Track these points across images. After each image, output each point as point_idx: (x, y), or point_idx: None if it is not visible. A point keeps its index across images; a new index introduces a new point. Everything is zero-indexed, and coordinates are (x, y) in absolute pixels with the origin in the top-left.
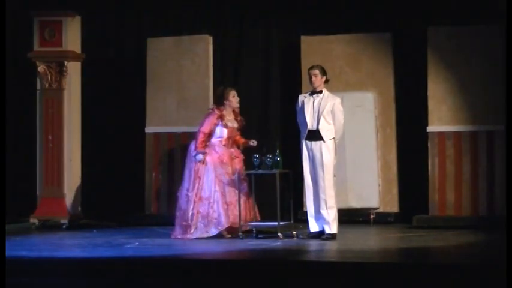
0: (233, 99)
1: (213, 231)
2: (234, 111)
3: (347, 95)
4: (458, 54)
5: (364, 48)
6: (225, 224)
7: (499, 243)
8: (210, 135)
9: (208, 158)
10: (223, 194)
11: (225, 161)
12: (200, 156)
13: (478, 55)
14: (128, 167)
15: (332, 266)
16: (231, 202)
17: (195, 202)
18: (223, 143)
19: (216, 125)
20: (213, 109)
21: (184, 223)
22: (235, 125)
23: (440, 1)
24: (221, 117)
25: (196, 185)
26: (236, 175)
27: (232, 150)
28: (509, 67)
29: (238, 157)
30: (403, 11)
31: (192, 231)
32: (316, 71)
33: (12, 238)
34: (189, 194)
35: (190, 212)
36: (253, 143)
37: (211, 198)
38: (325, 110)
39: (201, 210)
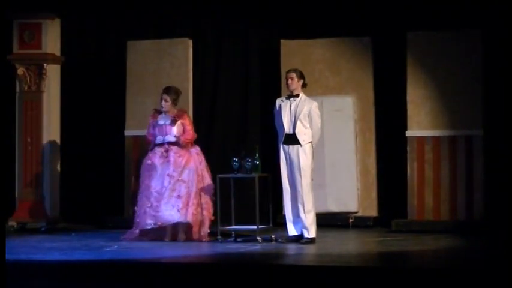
0: (161, 102)
1: (136, 231)
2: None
3: (326, 99)
4: (438, 58)
5: (344, 53)
6: (140, 226)
7: (478, 247)
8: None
9: (143, 161)
10: (147, 196)
11: (151, 163)
12: (159, 139)
13: (458, 60)
14: (107, 170)
15: (310, 270)
16: (151, 204)
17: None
18: (158, 142)
19: (153, 125)
20: None
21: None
22: (168, 121)
23: (420, 6)
24: (153, 117)
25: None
26: (164, 173)
27: (165, 148)
28: (487, 72)
29: (171, 154)
30: (382, 15)
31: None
32: (293, 74)
33: None
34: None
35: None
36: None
37: (139, 201)
38: (301, 114)
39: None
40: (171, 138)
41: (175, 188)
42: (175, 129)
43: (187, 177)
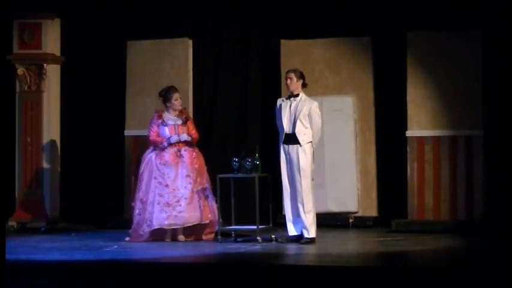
0: (176, 102)
1: (146, 230)
2: (181, 111)
3: (326, 99)
4: (438, 58)
5: (344, 53)
6: (155, 224)
7: (478, 247)
8: (159, 136)
9: (147, 158)
10: (161, 195)
11: (164, 162)
12: (174, 138)
13: (458, 60)
14: (107, 170)
15: (310, 270)
16: (169, 203)
17: (136, 206)
18: (174, 141)
19: (159, 125)
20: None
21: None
22: (179, 121)
23: (420, 6)
24: (159, 117)
25: (138, 188)
26: (182, 173)
27: (178, 148)
28: (487, 72)
29: (186, 154)
30: (382, 15)
31: (132, 235)
32: (292, 75)
33: None
34: (135, 196)
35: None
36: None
37: (148, 199)
38: (301, 114)
39: (136, 213)
40: (186, 137)
41: (194, 189)
42: (185, 129)
43: (202, 179)
